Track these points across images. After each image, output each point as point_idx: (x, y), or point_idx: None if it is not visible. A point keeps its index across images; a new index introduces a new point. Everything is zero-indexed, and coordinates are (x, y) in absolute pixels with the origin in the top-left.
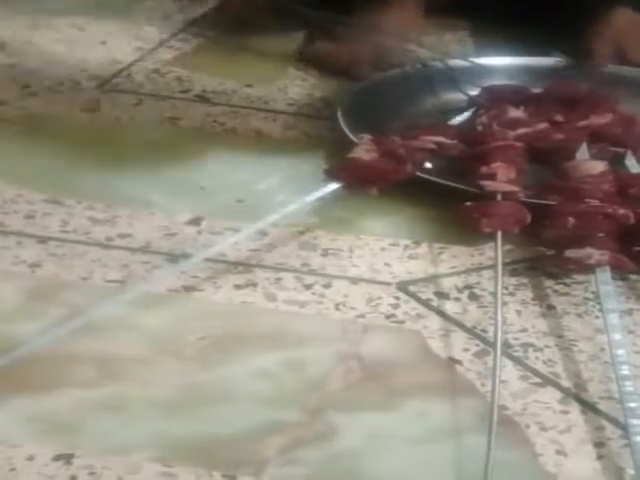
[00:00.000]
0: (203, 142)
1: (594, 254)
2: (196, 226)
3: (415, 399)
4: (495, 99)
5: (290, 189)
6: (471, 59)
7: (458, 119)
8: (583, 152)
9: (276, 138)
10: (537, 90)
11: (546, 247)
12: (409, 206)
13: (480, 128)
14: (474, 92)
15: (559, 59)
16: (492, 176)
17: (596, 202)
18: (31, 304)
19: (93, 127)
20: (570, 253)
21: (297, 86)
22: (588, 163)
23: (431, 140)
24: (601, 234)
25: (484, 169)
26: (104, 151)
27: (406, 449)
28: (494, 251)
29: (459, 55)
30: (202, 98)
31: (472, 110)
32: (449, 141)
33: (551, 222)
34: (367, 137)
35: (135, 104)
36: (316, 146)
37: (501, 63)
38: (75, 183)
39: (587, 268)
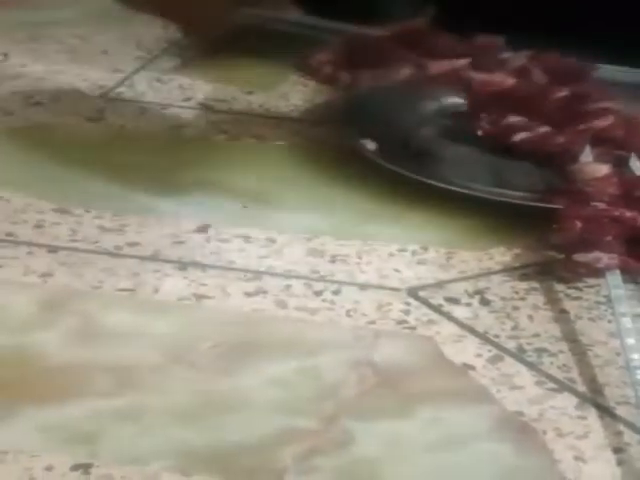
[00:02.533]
0: (207, 149)
1: (603, 258)
2: (204, 233)
3: (429, 405)
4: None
5: (295, 195)
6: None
7: None
8: (587, 155)
9: (279, 144)
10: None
11: (556, 251)
12: (416, 211)
13: (480, 133)
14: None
15: None
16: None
17: (602, 205)
18: (43, 314)
19: (99, 136)
20: (579, 257)
21: (299, 92)
22: (592, 166)
23: None
24: (609, 237)
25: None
26: (110, 160)
27: (422, 456)
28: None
29: None
30: (204, 106)
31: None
32: None
33: (558, 226)
34: None
35: (139, 113)
36: (319, 152)
37: None
38: (83, 192)
39: (597, 272)
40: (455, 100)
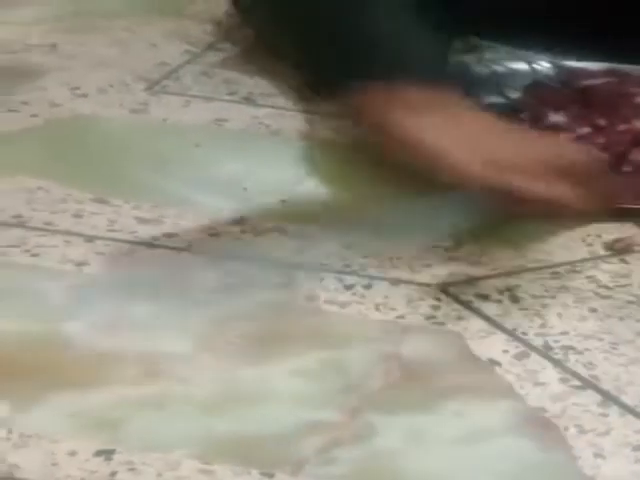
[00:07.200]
0: (248, 143)
1: None
2: (240, 226)
3: (454, 400)
4: (537, 102)
5: (333, 190)
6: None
7: None
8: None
9: (321, 140)
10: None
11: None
12: (449, 208)
13: None
14: (516, 95)
15: None
16: None
17: None
18: (76, 302)
19: (141, 128)
20: None
21: None
22: None
23: None
24: None
25: None
26: (151, 152)
27: (444, 450)
28: None
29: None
30: (248, 100)
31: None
32: None
33: None
34: None
35: (183, 106)
36: (361, 148)
37: (542, 66)
38: (122, 183)
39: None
40: (496, 99)
